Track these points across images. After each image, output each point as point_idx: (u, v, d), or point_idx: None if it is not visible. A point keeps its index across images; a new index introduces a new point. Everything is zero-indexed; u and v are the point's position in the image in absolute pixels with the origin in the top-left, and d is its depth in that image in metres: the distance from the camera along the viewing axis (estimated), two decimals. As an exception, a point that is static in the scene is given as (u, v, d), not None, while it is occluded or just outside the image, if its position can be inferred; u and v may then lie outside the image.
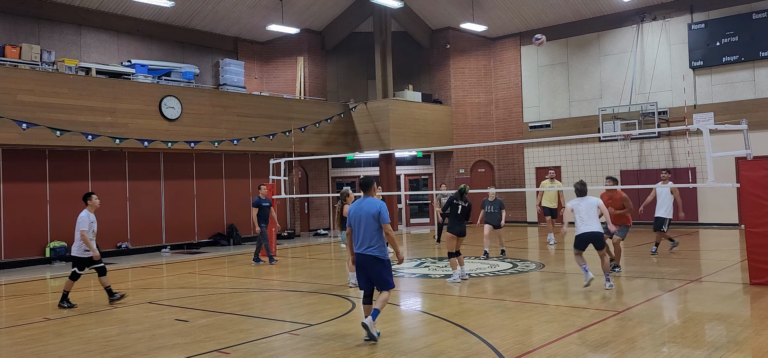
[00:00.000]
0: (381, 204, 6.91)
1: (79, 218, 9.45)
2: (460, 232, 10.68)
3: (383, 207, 6.89)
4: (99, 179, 17.15)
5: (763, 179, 9.35)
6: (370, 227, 6.79)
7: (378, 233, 6.80)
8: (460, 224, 10.69)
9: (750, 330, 6.80)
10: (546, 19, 22.43)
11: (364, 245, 6.81)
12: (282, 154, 19.51)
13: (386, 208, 6.95)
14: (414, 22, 23.84)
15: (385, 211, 6.86)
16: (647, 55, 20.74)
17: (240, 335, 7.34)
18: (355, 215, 6.92)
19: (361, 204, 6.95)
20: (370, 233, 6.78)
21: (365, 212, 6.83)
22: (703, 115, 19.21)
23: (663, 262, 12.24)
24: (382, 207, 6.88)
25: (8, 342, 7.47)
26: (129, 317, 8.71)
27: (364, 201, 6.95)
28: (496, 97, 24.30)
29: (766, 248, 9.23)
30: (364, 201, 6.95)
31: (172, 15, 19.74)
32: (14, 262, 15.40)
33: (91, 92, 15.66)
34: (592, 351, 6.15)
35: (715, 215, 18.97)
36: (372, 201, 6.93)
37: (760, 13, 18.60)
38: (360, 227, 6.84)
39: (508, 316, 7.85)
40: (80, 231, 9.37)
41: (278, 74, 23.31)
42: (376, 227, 6.79)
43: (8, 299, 10.88)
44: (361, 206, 6.92)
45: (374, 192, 7.19)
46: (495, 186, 18.24)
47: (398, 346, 6.62)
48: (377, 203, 6.91)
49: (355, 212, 6.93)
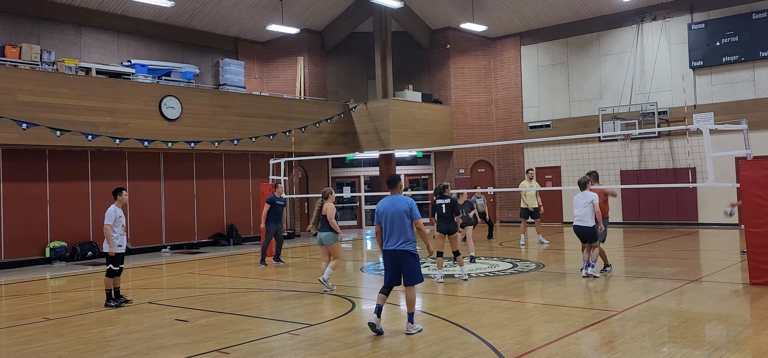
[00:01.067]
0: (411, 201, 7.21)
1: (107, 212, 9.42)
2: (446, 230, 10.86)
3: (414, 204, 7.22)
4: (99, 179, 17.15)
5: (763, 179, 9.35)
6: (402, 224, 7.08)
7: (410, 229, 7.13)
8: (447, 222, 10.84)
9: (750, 330, 6.80)
10: (546, 19, 22.43)
11: (398, 240, 7.08)
12: (282, 154, 19.52)
13: (416, 205, 7.27)
14: (414, 22, 23.84)
15: (415, 207, 7.20)
16: (647, 55, 20.74)
17: (240, 335, 7.35)
18: (386, 212, 7.18)
19: (392, 202, 7.21)
20: (403, 229, 7.08)
21: (397, 209, 7.12)
22: (703, 115, 19.21)
23: (663, 262, 12.24)
24: (413, 204, 7.20)
25: (8, 342, 7.47)
26: (129, 317, 8.71)
27: (395, 199, 7.22)
28: (496, 97, 24.30)
29: (766, 248, 9.24)
30: (394, 199, 7.23)
31: (172, 15, 19.74)
32: (14, 262, 15.40)
33: (91, 92, 15.66)
34: (592, 351, 6.15)
35: (715, 215, 18.96)
36: (402, 198, 7.23)
37: (760, 13, 18.60)
38: (393, 224, 7.10)
39: (508, 316, 7.85)
40: (106, 225, 9.35)
41: (278, 74, 23.31)
42: (408, 224, 7.11)
43: (8, 299, 10.88)
44: (393, 203, 7.19)
45: (401, 189, 7.46)
46: (450, 186, 18.11)
47: (398, 346, 6.62)
48: (407, 200, 7.21)
49: (386, 209, 7.19)
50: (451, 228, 10.83)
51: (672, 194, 19.89)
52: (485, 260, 13.26)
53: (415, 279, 7.12)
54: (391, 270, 7.17)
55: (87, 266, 15.07)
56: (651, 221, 20.17)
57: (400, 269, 7.13)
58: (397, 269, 7.14)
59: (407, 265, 7.08)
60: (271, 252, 14.38)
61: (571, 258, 13.63)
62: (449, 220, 10.81)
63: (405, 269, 7.09)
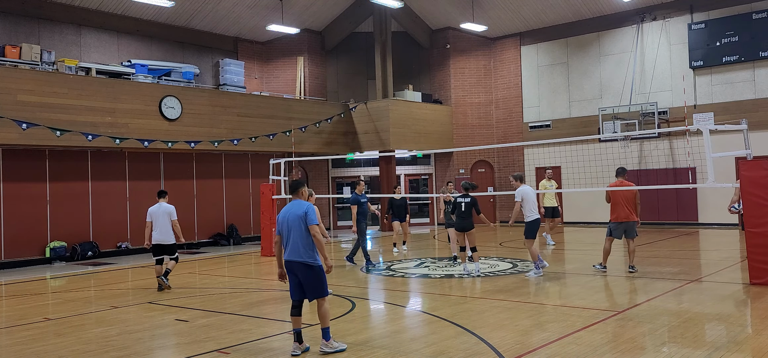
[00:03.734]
0: (310, 206, 6.51)
1: (171, 209, 11.09)
2: (462, 227, 11.21)
3: (311, 209, 6.47)
4: (99, 179, 17.16)
5: (763, 179, 9.35)
6: (300, 232, 6.40)
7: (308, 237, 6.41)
8: (465, 220, 11.16)
9: (750, 330, 6.80)
10: (546, 19, 22.43)
11: (295, 251, 6.41)
12: (282, 154, 19.52)
13: (314, 210, 6.53)
14: (414, 22, 23.84)
15: (312, 213, 6.43)
16: (647, 55, 20.74)
17: (240, 335, 7.34)
18: (285, 219, 6.50)
19: (290, 208, 6.54)
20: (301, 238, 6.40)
21: (295, 215, 6.42)
22: (703, 115, 19.21)
23: (663, 262, 12.24)
24: (310, 209, 6.45)
25: (8, 342, 7.47)
26: (129, 317, 8.71)
27: (295, 204, 6.54)
28: (496, 97, 24.30)
29: (766, 248, 9.24)
30: (294, 204, 6.55)
31: (172, 15, 19.74)
32: (14, 262, 15.40)
33: (91, 92, 15.66)
34: (592, 351, 6.14)
35: (715, 215, 18.96)
36: (302, 203, 6.54)
37: (760, 13, 18.60)
38: (291, 232, 6.43)
39: (508, 316, 7.85)
40: (172, 220, 10.99)
41: (278, 74, 23.31)
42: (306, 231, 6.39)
43: (8, 299, 10.88)
44: (291, 209, 6.51)
45: (304, 195, 6.73)
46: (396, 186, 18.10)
47: (398, 346, 6.62)
48: (306, 205, 6.52)
49: (285, 216, 6.52)
50: (466, 226, 11.17)
51: (672, 194, 19.88)
52: (485, 260, 13.26)
53: (318, 292, 6.41)
54: (294, 283, 6.50)
55: (87, 266, 15.07)
56: (651, 221, 20.16)
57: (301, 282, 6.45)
58: (298, 282, 6.46)
59: (306, 277, 6.38)
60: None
61: (571, 258, 13.63)
62: (468, 217, 11.14)
63: (306, 282, 6.41)
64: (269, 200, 15.78)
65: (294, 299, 6.55)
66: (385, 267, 12.88)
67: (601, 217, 20.76)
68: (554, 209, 15.97)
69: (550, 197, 15.89)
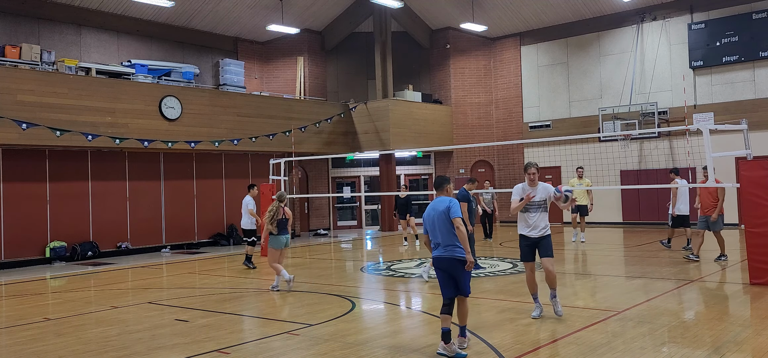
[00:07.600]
0: (453, 200, 6.44)
1: (246, 200, 13.83)
2: None
3: (454, 202, 6.40)
4: (99, 179, 17.16)
5: (763, 179, 9.35)
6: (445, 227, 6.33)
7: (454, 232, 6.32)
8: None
9: (750, 330, 6.80)
10: (546, 19, 22.43)
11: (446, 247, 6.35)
12: (282, 154, 19.51)
13: (457, 202, 6.47)
14: (414, 22, 23.84)
15: (455, 206, 6.36)
16: (647, 55, 20.74)
17: (240, 335, 7.34)
18: (428, 216, 6.49)
19: (434, 205, 6.50)
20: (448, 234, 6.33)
21: (438, 211, 6.37)
22: (703, 115, 19.21)
23: (663, 262, 12.24)
24: (453, 202, 6.39)
25: (8, 342, 7.47)
26: (129, 317, 8.71)
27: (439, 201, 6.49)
28: (496, 97, 24.30)
29: (766, 248, 9.24)
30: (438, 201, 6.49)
31: (172, 15, 19.74)
32: (14, 262, 15.40)
33: (91, 92, 15.66)
34: (592, 351, 6.14)
35: (715, 215, 18.92)
36: (445, 199, 6.46)
37: (760, 13, 18.60)
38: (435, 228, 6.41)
39: (508, 316, 7.85)
40: (249, 209, 13.67)
41: (278, 74, 23.31)
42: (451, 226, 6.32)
43: (8, 299, 10.87)
44: (435, 206, 6.46)
45: (450, 192, 6.65)
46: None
47: (398, 346, 6.62)
48: (449, 199, 6.45)
49: (428, 213, 6.48)
50: None
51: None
52: (485, 259, 13.25)
53: (468, 288, 6.37)
54: (443, 280, 6.39)
55: (87, 266, 15.06)
56: (651, 221, 20.16)
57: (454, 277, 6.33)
58: (449, 278, 6.34)
59: (458, 272, 6.27)
60: None
61: (570, 258, 13.63)
62: None
63: (459, 277, 6.29)
64: (269, 200, 15.76)
65: (445, 296, 6.35)
66: (385, 267, 12.88)
67: (600, 216, 20.80)
68: (583, 206, 15.93)
69: (582, 195, 15.84)
